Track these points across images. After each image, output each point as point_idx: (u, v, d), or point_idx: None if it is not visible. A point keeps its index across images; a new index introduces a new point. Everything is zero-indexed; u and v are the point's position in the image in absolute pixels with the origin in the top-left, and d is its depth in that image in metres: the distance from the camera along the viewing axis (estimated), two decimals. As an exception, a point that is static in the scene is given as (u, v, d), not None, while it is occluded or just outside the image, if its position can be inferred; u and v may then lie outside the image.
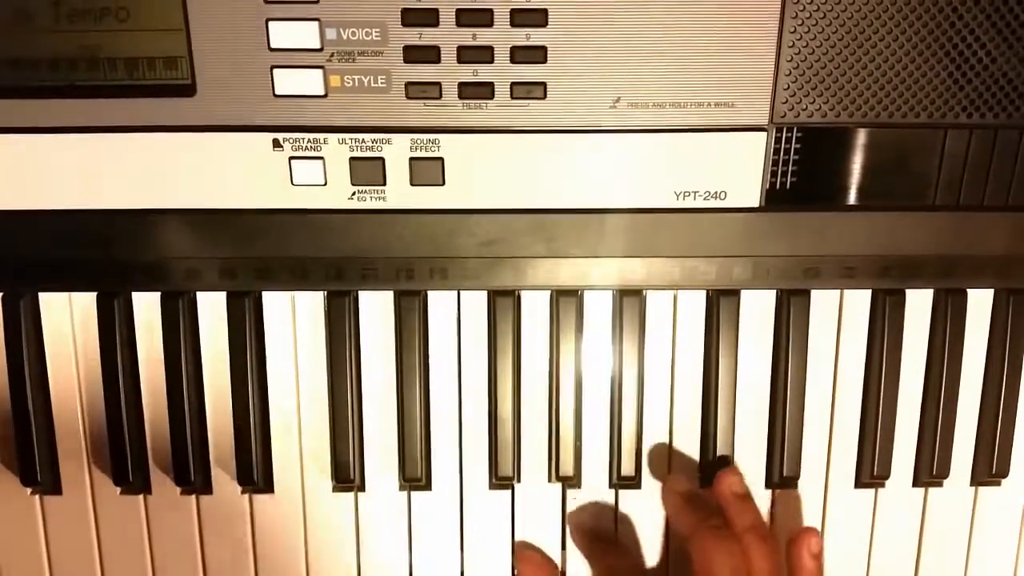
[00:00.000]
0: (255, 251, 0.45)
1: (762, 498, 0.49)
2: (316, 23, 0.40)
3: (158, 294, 0.46)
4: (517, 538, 0.49)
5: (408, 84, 0.41)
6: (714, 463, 0.48)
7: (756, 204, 0.44)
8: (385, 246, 0.45)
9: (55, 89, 0.41)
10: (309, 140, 0.42)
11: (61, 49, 0.41)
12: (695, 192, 0.44)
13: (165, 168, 0.43)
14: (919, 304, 0.47)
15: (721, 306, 0.46)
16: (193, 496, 0.48)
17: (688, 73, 0.42)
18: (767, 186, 0.44)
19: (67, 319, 0.46)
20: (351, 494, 0.48)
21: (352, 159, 0.43)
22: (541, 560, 0.49)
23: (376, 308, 0.46)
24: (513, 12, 0.40)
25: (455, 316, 0.47)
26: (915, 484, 0.49)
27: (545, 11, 0.40)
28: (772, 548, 0.42)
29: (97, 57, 0.41)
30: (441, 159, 0.43)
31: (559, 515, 0.49)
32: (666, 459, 0.48)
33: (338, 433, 0.47)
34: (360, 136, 0.42)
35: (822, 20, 0.41)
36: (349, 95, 0.42)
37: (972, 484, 0.50)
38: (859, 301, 0.47)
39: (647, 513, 0.49)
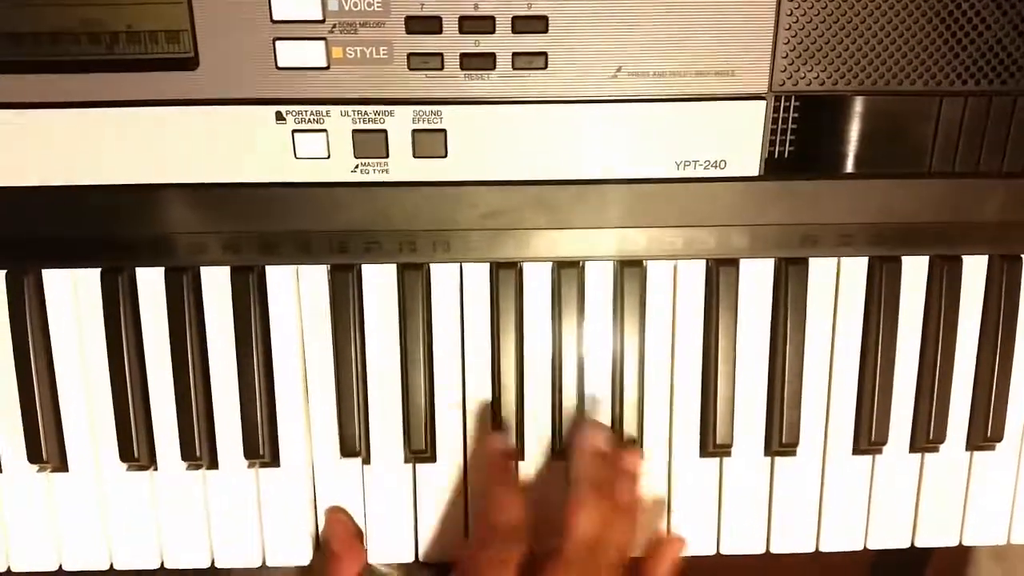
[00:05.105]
0: (258, 225, 0.45)
1: (762, 465, 0.50)
2: (318, -6, 0.41)
3: (162, 269, 0.46)
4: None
5: (410, 55, 0.42)
6: (714, 430, 0.48)
7: (755, 173, 0.45)
8: (388, 219, 0.45)
9: (57, 64, 0.41)
10: (312, 113, 0.43)
11: (63, 23, 0.41)
12: (695, 161, 0.44)
13: (168, 142, 0.43)
14: (915, 271, 0.48)
15: (720, 276, 0.47)
16: (199, 471, 0.48)
17: (688, 42, 0.42)
18: (766, 155, 0.44)
19: (71, 296, 0.46)
20: (357, 467, 0.49)
21: (355, 131, 0.43)
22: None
23: (379, 281, 0.47)
24: (514, -18, 0.40)
25: (458, 288, 0.47)
26: (912, 450, 0.50)
27: (546, -19, 0.41)
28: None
29: (99, 31, 0.41)
30: (444, 131, 0.43)
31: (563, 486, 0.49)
32: (667, 427, 0.49)
33: (343, 406, 0.47)
34: (362, 108, 0.43)
35: (819, -12, 0.41)
36: (351, 67, 0.42)
37: (968, 449, 0.50)
38: (856, 269, 0.47)
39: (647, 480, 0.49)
